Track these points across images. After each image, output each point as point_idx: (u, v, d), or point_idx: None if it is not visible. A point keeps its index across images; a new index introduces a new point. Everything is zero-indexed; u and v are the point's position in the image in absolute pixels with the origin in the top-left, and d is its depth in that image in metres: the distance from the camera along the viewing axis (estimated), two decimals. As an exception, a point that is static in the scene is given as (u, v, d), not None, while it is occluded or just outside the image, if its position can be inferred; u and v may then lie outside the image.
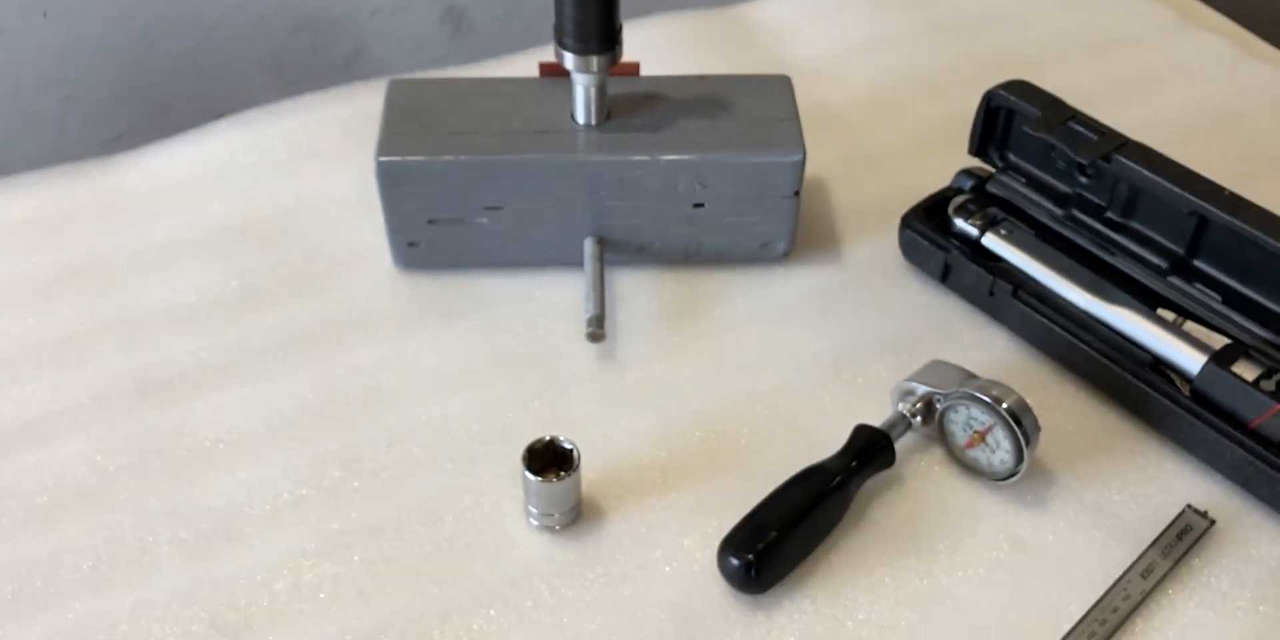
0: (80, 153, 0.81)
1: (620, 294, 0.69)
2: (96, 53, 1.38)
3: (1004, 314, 0.67)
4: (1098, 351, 0.63)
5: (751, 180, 0.65)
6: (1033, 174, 0.70)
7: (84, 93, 1.40)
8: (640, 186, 0.65)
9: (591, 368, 0.64)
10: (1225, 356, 0.60)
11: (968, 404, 0.58)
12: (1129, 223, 0.66)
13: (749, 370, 0.65)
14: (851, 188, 0.76)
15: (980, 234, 0.68)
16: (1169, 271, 0.64)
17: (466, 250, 0.68)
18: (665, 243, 0.69)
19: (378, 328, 0.66)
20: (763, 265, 0.70)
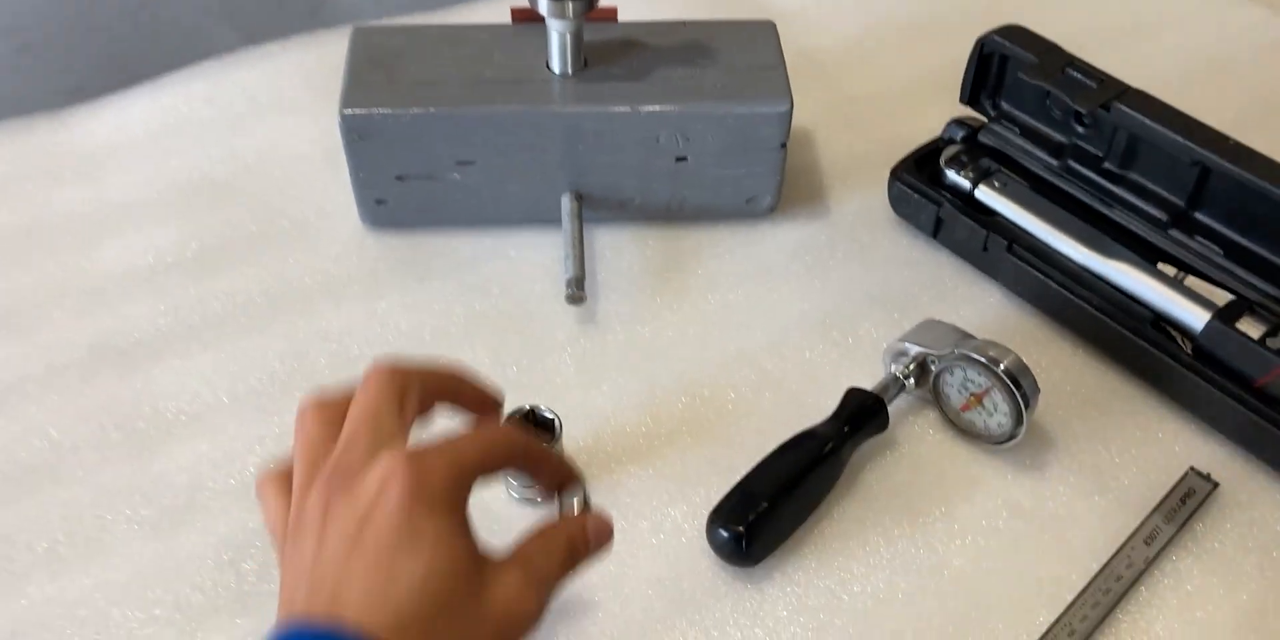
0: (38, 105, 0.77)
1: (600, 252, 0.66)
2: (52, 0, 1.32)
3: (998, 269, 0.65)
4: (1096, 308, 0.61)
5: (737, 132, 0.62)
6: (1027, 123, 0.67)
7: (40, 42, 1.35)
8: (620, 139, 0.62)
9: (571, 331, 0.62)
10: (1230, 313, 0.57)
11: (964, 365, 0.56)
12: (1127, 173, 0.63)
13: (735, 331, 0.62)
14: (838, 139, 0.73)
15: (973, 186, 0.66)
16: (1169, 224, 0.62)
17: (437, 208, 0.65)
18: (646, 198, 0.66)
19: (345, 290, 0.63)
20: (748, 221, 0.68)
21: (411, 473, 0.36)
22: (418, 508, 0.36)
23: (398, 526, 0.36)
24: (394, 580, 0.35)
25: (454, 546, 0.36)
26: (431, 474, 0.37)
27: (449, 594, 0.36)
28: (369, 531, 0.36)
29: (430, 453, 0.37)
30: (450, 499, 0.37)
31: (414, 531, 0.36)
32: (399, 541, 0.36)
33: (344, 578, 0.36)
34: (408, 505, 0.36)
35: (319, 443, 0.39)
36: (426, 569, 0.36)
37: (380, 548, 0.36)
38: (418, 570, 0.35)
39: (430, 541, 0.36)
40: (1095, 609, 0.51)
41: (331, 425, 0.39)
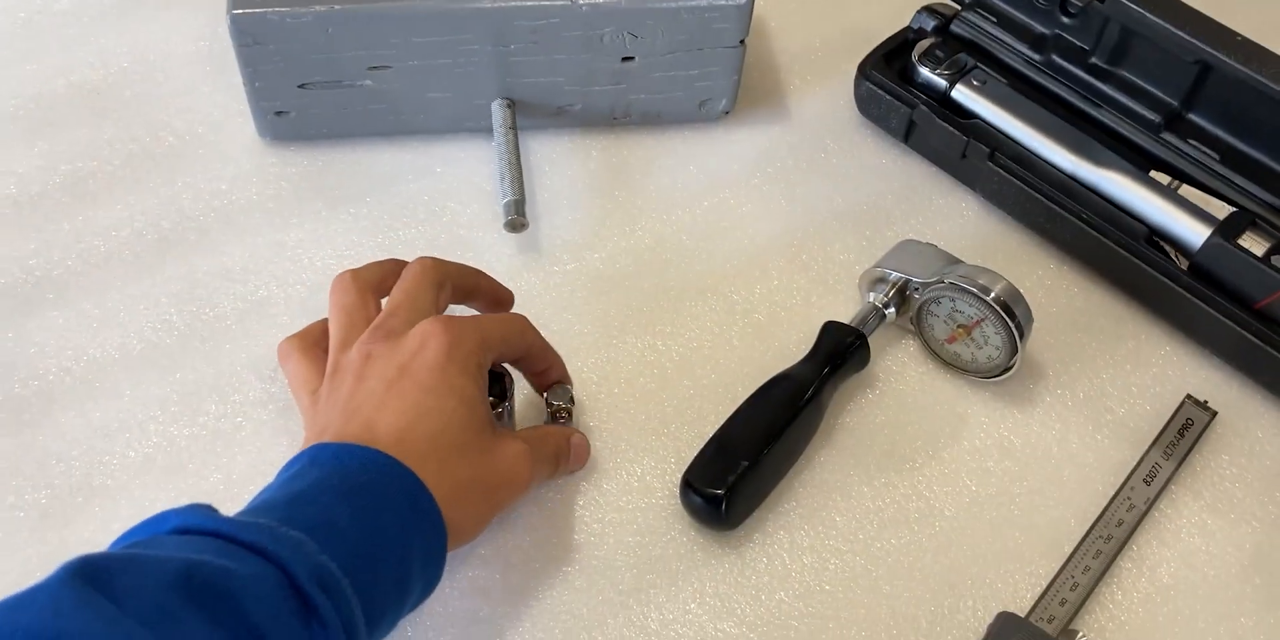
0: None
1: (538, 165, 0.58)
2: None
3: (977, 179, 0.59)
4: (1085, 222, 0.55)
5: (691, 27, 0.55)
6: (1005, 12, 0.60)
7: None
8: (558, 38, 0.54)
9: (512, 262, 0.55)
10: (1231, 228, 0.53)
11: (951, 295, 0.51)
12: (1116, 70, 0.57)
13: (693, 258, 0.56)
14: (796, 30, 0.65)
15: (950, 85, 0.59)
16: (1162, 126, 0.57)
17: (348, 118, 0.57)
18: (588, 104, 0.58)
19: (246, 219, 0.55)
20: (700, 127, 0.60)
21: (450, 335, 0.42)
22: (450, 365, 0.41)
23: (433, 373, 0.41)
24: (423, 417, 0.40)
25: (475, 403, 0.41)
26: (466, 340, 0.42)
27: (466, 440, 0.41)
28: (406, 377, 0.41)
29: (466, 322, 0.43)
30: (477, 364, 0.42)
31: (446, 382, 0.41)
32: (433, 387, 0.41)
33: (379, 410, 0.40)
34: (442, 361, 0.41)
35: (356, 308, 0.44)
36: (452, 414, 0.40)
37: (415, 390, 0.40)
38: (445, 412, 0.40)
39: (458, 394, 0.41)
40: (1097, 559, 0.48)
41: (365, 293, 0.45)
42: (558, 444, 0.46)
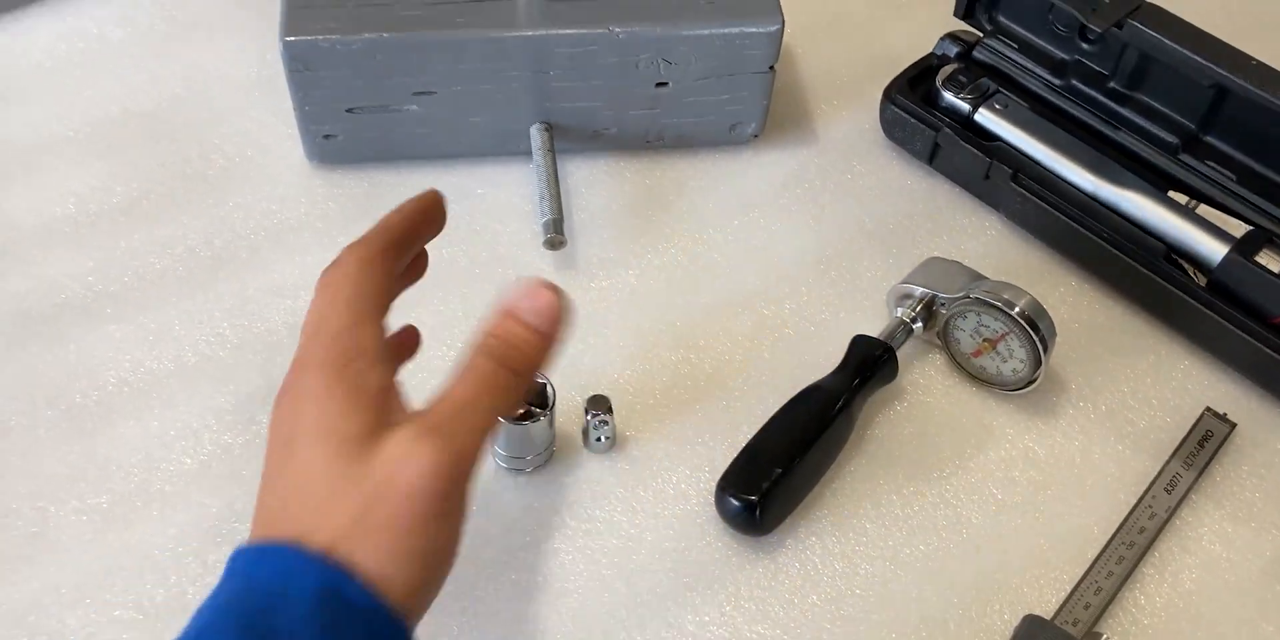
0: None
1: (575, 187, 0.60)
2: None
3: (1000, 199, 0.61)
4: (1106, 240, 0.57)
5: (723, 54, 0.57)
6: (1026, 39, 0.62)
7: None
8: (594, 64, 0.56)
9: (550, 278, 0.56)
10: (1249, 245, 0.54)
11: (977, 310, 0.52)
12: (1135, 94, 0.59)
13: (726, 274, 0.58)
14: (824, 56, 0.68)
15: (973, 109, 0.61)
16: (1180, 148, 0.58)
17: (394, 142, 0.59)
18: (623, 128, 0.60)
19: (296, 238, 0.57)
20: (731, 149, 0.62)
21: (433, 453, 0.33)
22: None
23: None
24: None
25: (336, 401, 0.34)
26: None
27: (329, 456, 0.33)
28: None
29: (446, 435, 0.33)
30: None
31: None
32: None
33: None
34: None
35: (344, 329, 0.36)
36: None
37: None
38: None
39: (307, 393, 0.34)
40: (1120, 565, 0.49)
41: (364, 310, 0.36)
42: (483, 398, 0.35)
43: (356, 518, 0.32)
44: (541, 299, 0.37)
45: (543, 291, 0.37)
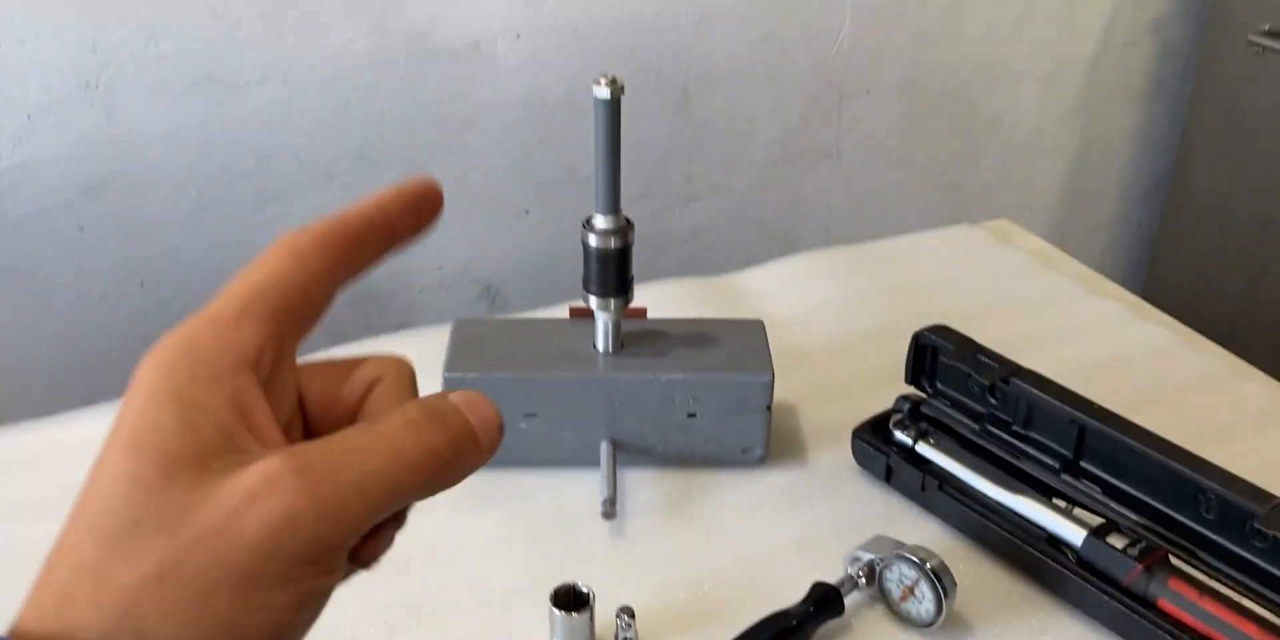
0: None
1: (629, 488, 0.86)
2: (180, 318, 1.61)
3: (934, 504, 0.84)
4: (1006, 531, 0.79)
5: (732, 396, 0.84)
6: (955, 398, 0.88)
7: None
8: (645, 399, 0.84)
9: (605, 541, 0.81)
10: (1100, 531, 0.76)
11: (899, 562, 0.75)
12: (1029, 433, 0.84)
13: (730, 547, 0.81)
14: (815, 410, 0.95)
15: (914, 443, 0.86)
16: (1061, 471, 0.82)
17: (508, 451, 0.86)
18: (665, 446, 0.87)
19: (433, 508, 0.83)
20: (743, 468, 0.88)
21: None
22: None
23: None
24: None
25: (164, 429, 0.28)
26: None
27: (140, 506, 0.27)
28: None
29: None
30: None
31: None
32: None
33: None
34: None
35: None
36: (109, 471, 0.28)
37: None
38: (98, 479, 0.28)
39: (127, 425, 0.28)
40: (1001, 748, 0.67)
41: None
42: (391, 438, 0.30)
43: (153, 576, 0.25)
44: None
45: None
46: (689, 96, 1.69)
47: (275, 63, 1.43)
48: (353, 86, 1.48)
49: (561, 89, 1.59)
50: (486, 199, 1.65)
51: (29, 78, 1.32)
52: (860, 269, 1.15)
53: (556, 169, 1.66)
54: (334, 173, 1.54)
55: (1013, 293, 1.12)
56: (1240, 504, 0.71)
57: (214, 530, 0.26)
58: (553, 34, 1.56)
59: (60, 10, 1.30)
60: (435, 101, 1.54)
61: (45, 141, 1.36)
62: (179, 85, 1.39)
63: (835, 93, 1.79)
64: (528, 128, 1.61)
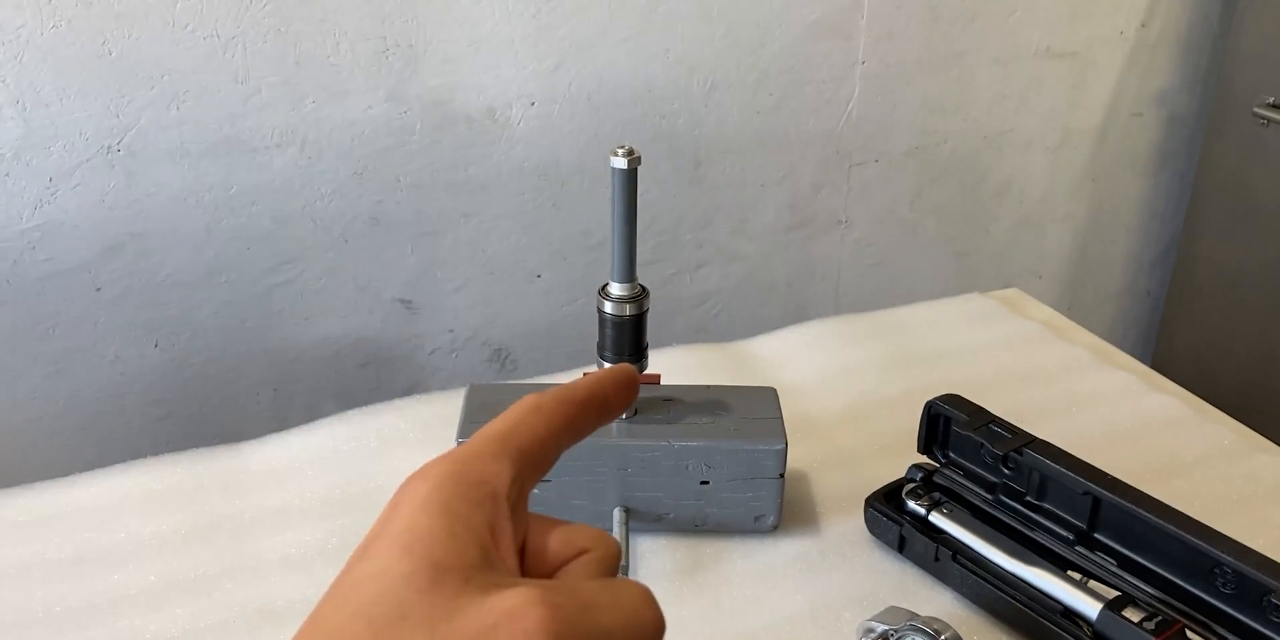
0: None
1: (642, 555, 0.86)
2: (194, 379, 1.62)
3: (947, 575, 0.84)
4: (1020, 604, 0.79)
5: (745, 463, 0.84)
6: (968, 467, 0.88)
7: (179, 410, 1.63)
8: (659, 466, 0.84)
9: (616, 609, 0.81)
10: (1116, 604, 0.76)
11: (913, 634, 0.74)
12: (1042, 504, 0.84)
13: (743, 615, 0.81)
14: (828, 479, 0.95)
15: (927, 513, 0.86)
16: (1075, 542, 0.82)
17: (520, 516, 0.86)
18: (678, 513, 0.87)
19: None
20: (756, 536, 0.88)
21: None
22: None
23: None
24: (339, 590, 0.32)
25: (432, 542, 0.32)
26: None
27: (405, 604, 0.30)
28: None
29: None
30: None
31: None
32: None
33: None
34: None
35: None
36: (385, 568, 0.31)
37: None
38: (373, 574, 0.31)
39: (403, 534, 0.32)
40: None
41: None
42: (630, 604, 0.33)
43: None
44: None
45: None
46: (699, 163, 1.71)
47: (294, 127, 1.45)
48: (370, 151, 1.51)
49: (574, 155, 1.62)
50: (498, 263, 1.66)
51: (52, 141, 1.34)
52: (871, 337, 1.16)
53: (568, 234, 1.68)
54: (349, 235, 1.55)
55: (1024, 362, 1.13)
56: (1257, 578, 0.71)
57: (471, 638, 0.29)
58: (566, 102, 1.58)
59: (84, 75, 1.32)
60: (450, 167, 1.56)
61: (66, 203, 1.38)
62: (199, 149, 1.42)
63: (844, 160, 1.82)
64: (541, 193, 1.63)
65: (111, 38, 1.31)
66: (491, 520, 0.32)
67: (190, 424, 1.63)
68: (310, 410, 1.66)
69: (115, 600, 0.80)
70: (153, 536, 0.86)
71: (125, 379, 1.54)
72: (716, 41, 1.63)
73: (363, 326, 1.64)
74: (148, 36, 1.33)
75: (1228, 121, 1.90)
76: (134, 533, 0.87)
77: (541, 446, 0.36)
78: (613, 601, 0.32)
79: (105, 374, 1.52)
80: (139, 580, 0.82)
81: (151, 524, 0.87)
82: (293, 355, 1.63)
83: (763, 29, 1.65)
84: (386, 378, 1.71)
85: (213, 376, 1.60)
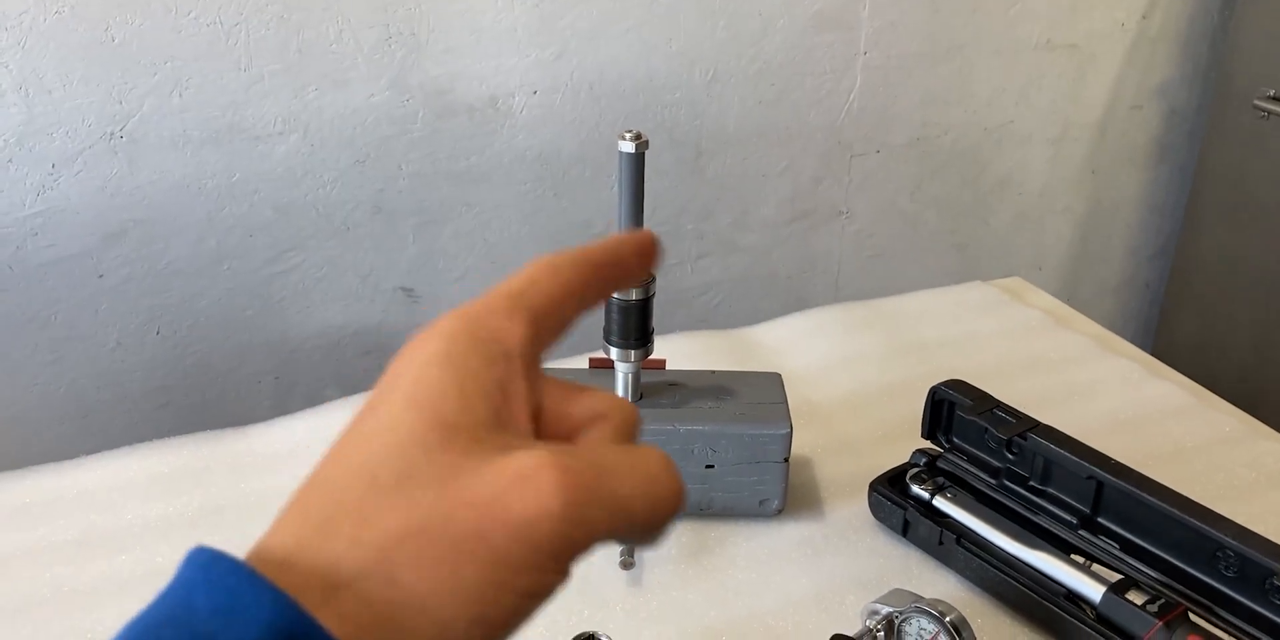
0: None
1: (645, 538, 0.86)
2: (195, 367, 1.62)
3: (951, 558, 0.84)
4: (1024, 586, 0.79)
5: (750, 447, 0.85)
6: (971, 452, 0.89)
7: (181, 399, 1.63)
8: (664, 450, 0.84)
9: (623, 591, 0.81)
10: (1119, 587, 0.76)
11: (918, 616, 0.74)
12: (1046, 488, 0.84)
13: (747, 598, 0.81)
14: (832, 464, 0.95)
15: (931, 497, 0.86)
16: (1078, 526, 0.82)
17: (526, 499, 0.86)
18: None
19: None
20: (760, 520, 0.88)
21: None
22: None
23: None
24: (343, 448, 0.31)
25: (438, 398, 0.30)
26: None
27: (411, 463, 0.29)
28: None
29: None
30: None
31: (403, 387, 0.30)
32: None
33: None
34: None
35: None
36: (390, 424, 0.30)
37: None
38: (377, 430, 0.30)
39: (408, 386, 0.30)
40: None
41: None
42: (646, 470, 0.31)
43: (415, 528, 0.26)
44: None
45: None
46: (701, 154, 1.71)
47: (296, 115, 1.45)
48: (371, 140, 1.51)
49: (576, 145, 1.62)
50: (500, 252, 1.66)
51: (55, 127, 1.34)
52: (873, 325, 1.16)
53: (569, 223, 1.68)
54: (351, 224, 1.55)
55: (1026, 350, 1.13)
56: (1259, 561, 0.72)
57: (480, 502, 0.27)
58: (568, 92, 1.58)
59: (87, 62, 1.32)
60: (452, 156, 1.56)
61: (68, 190, 1.38)
62: (201, 136, 1.41)
63: (845, 152, 1.82)
64: (542, 183, 1.63)
65: (114, 24, 1.31)
66: (504, 379, 0.30)
67: (191, 412, 1.63)
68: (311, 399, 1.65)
69: (122, 582, 0.80)
70: (159, 518, 0.86)
71: (127, 366, 1.54)
72: (718, 32, 1.63)
73: (364, 315, 1.64)
74: (150, 23, 1.33)
75: (1228, 114, 1.91)
76: (140, 515, 0.87)
77: (557, 306, 0.34)
78: (629, 467, 0.31)
79: (107, 361, 1.52)
80: (145, 562, 0.82)
81: (157, 506, 0.88)
82: (294, 344, 1.63)
83: (764, 20, 1.65)
84: (387, 367, 1.71)
85: (214, 364, 1.60)
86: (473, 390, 0.29)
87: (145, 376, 1.56)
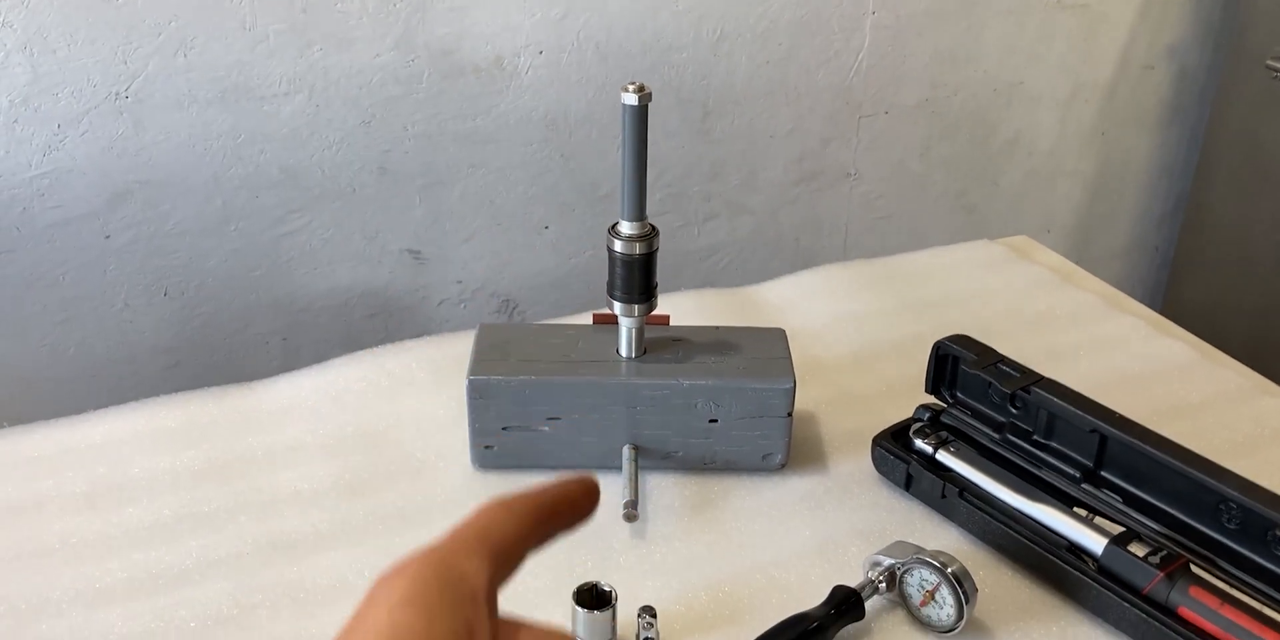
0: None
1: (650, 493, 0.86)
2: (203, 328, 1.62)
3: (954, 512, 0.84)
4: (1026, 539, 0.80)
5: (754, 402, 0.85)
6: (975, 407, 0.89)
7: (189, 359, 1.64)
8: (667, 404, 0.85)
9: (626, 543, 0.81)
10: (1121, 539, 0.76)
11: (920, 567, 0.75)
12: (1049, 442, 0.84)
13: (750, 550, 0.81)
14: (836, 420, 0.95)
15: (934, 451, 0.87)
16: (1082, 480, 0.82)
17: (531, 453, 0.87)
18: (686, 451, 0.87)
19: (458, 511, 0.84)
20: (763, 474, 0.88)
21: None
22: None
23: None
24: None
25: None
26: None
27: None
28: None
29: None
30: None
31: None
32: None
33: None
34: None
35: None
36: None
37: None
38: None
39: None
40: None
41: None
42: None
43: None
44: None
45: None
46: (708, 114, 1.70)
47: (301, 75, 1.45)
48: (377, 100, 1.50)
49: (583, 105, 1.61)
50: (506, 214, 1.66)
51: (60, 87, 1.34)
52: (880, 283, 1.16)
53: (576, 184, 1.67)
54: (357, 185, 1.55)
55: (1032, 308, 1.13)
56: (1262, 513, 0.72)
57: None
58: (574, 51, 1.58)
59: (92, 22, 1.32)
60: (458, 116, 1.56)
61: (74, 150, 1.38)
62: (206, 96, 1.41)
63: (854, 112, 1.81)
64: (549, 143, 1.62)
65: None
66: (470, 619, 0.33)
67: (199, 372, 1.64)
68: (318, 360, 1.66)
69: (130, 533, 0.81)
70: (166, 472, 0.87)
71: (135, 327, 1.54)
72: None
73: (371, 277, 1.64)
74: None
75: (1240, 75, 1.89)
76: (147, 468, 0.87)
77: (518, 547, 0.36)
78: None
79: (114, 322, 1.52)
80: (153, 514, 0.83)
81: (165, 460, 0.88)
82: (301, 305, 1.64)
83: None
84: (394, 328, 1.72)
85: (221, 325, 1.60)
86: (441, 632, 0.32)
87: (153, 337, 1.57)
